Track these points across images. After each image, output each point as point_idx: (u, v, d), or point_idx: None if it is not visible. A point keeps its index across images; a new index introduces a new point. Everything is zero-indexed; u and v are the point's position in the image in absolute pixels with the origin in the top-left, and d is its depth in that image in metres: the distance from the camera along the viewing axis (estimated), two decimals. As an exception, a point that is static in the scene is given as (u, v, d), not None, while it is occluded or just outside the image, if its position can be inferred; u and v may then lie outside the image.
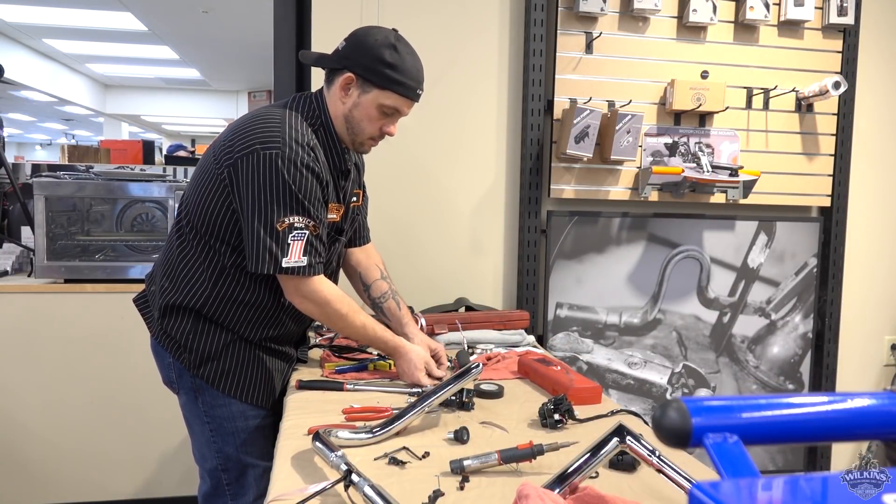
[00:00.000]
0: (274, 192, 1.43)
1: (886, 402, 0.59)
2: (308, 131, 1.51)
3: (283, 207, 1.44)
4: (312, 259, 1.48)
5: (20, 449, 2.51)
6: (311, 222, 1.47)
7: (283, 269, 1.45)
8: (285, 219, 1.44)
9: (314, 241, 1.48)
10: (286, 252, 1.44)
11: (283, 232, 1.44)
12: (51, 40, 8.11)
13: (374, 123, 1.55)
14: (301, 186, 1.45)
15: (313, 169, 1.47)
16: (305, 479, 1.09)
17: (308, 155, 1.47)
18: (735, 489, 0.50)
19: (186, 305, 1.54)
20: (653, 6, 2.36)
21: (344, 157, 1.61)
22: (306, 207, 1.46)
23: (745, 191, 2.47)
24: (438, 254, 2.46)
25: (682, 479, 0.95)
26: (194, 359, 1.55)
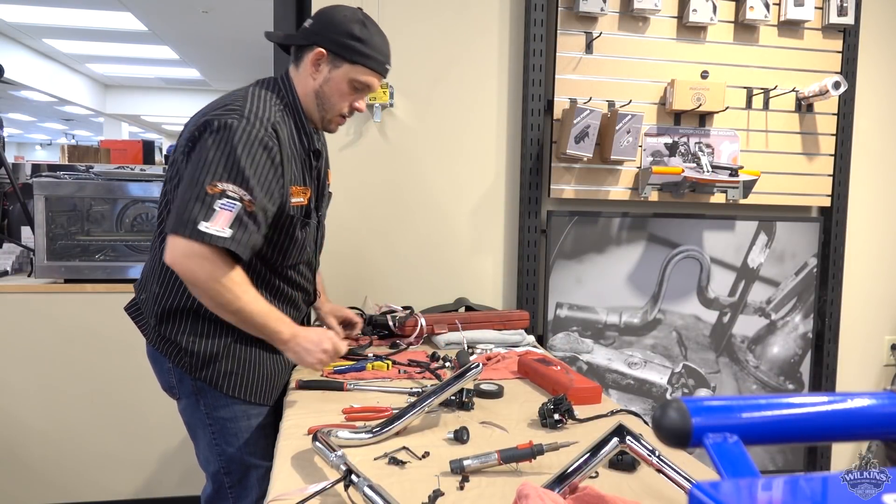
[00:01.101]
0: (215, 155, 1.35)
1: (886, 402, 0.59)
2: (273, 109, 1.45)
3: (219, 171, 1.34)
4: (240, 235, 1.35)
5: (20, 449, 2.51)
6: (249, 197, 1.35)
7: (198, 234, 1.31)
8: (218, 184, 1.33)
9: (246, 220, 1.35)
10: (209, 217, 1.32)
11: (211, 196, 1.32)
12: (51, 40, 8.11)
13: (345, 99, 1.53)
14: (248, 158, 1.36)
15: (268, 146, 1.40)
16: (305, 479, 1.09)
17: (266, 131, 1.40)
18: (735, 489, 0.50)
19: (182, 308, 1.50)
20: (653, 6, 2.36)
21: (313, 137, 1.56)
22: (247, 179, 1.35)
23: (745, 191, 2.47)
24: (438, 254, 2.46)
25: (682, 479, 0.95)
26: (195, 362, 1.51)
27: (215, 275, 1.35)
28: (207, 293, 1.38)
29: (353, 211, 2.40)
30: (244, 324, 1.44)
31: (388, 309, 2.21)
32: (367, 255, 2.42)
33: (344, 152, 2.39)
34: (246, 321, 1.43)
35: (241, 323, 1.43)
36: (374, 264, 2.43)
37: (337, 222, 2.40)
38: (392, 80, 2.36)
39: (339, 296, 2.38)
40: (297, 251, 1.56)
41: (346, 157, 2.39)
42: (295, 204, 1.50)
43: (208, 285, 1.36)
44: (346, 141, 2.38)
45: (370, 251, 2.42)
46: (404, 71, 2.39)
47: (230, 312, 1.41)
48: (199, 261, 1.33)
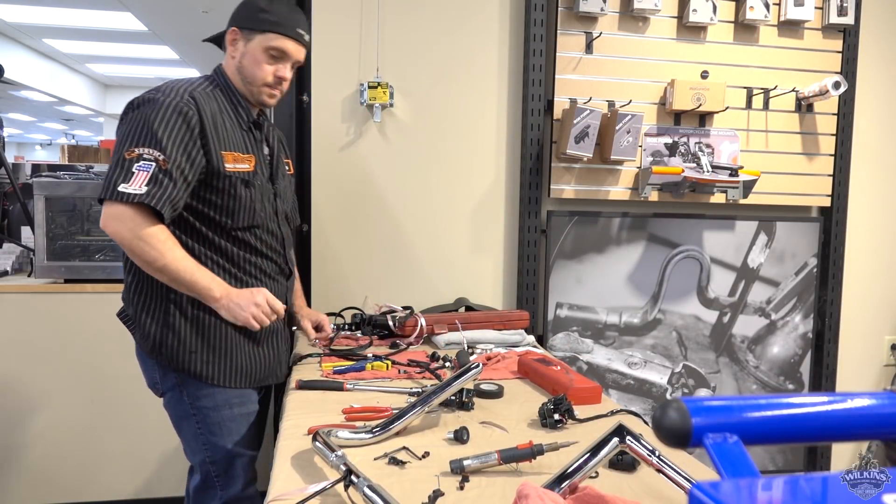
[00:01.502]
0: (132, 126, 1.48)
1: (886, 402, 0.59)
2: (195, 86, 1.57)
3: (135, 138, 1.47)
4: (155, 191, 1.45)
5: (20, 449, 2.51)
6: (163, 157, 1.46)
7: (118, 195, 1.44)
8: (135, 149, 1.46)
9: (161, 177, 1.46)
10: (128, 179, 1.44)
11: (129, 160, 1.46)
12: (51, 40, 8.11)
13: (264, 68, 1.60)
14: (162, 123, 1.48)
15: (182, 111, 1.50)
16: (305, 479, 1.09)
17: (181, 99, 1.51)
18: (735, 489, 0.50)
19: (153, 302, 1.58)
20: (653, 6, 2.36)
21: (248, 110, 1.66)
22: (159, 141, 1.47)
23: (745, 191, 2.47)
24: (438, 254, 2.46)
25: (682, 479, 0.95)
26: (173, 354, 1.57)
27: (136, 231, 1.45)
28: (133, 251, 1.47)
29: (352, 210, 2.40)
30: (174, 282, 1.50)
31: (388, 309, 2.21)
32: (367, 255, 2.42)
33: (344, 152, 2.39)
34: (175, 279, 1.50)
35: (172, 281, 1.50)
36: (374, 264, 2.43)
37: (337, 222, 2.40)
38: (392, 80, 2.36)
39: (339, 296, 2.38)
40: (244, 212, 1.61)
41: (346, 157, 2.39)
42: (237, 169, 1.59)
43: (133, 243, 1.46)
44: (346, 141, 2.38)
45: (370, 251, 2.42)
46: (404, 71, 2.39)
47: (157, 270, 1.48)
48: (122, 220, 1.45)
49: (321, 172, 2.38)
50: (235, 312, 1.53)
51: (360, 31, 2.35)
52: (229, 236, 1.61)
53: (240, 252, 1.63)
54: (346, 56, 2.35)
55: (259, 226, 1.65)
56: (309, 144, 2.37)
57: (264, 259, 1.68)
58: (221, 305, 1.53)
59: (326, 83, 2.35)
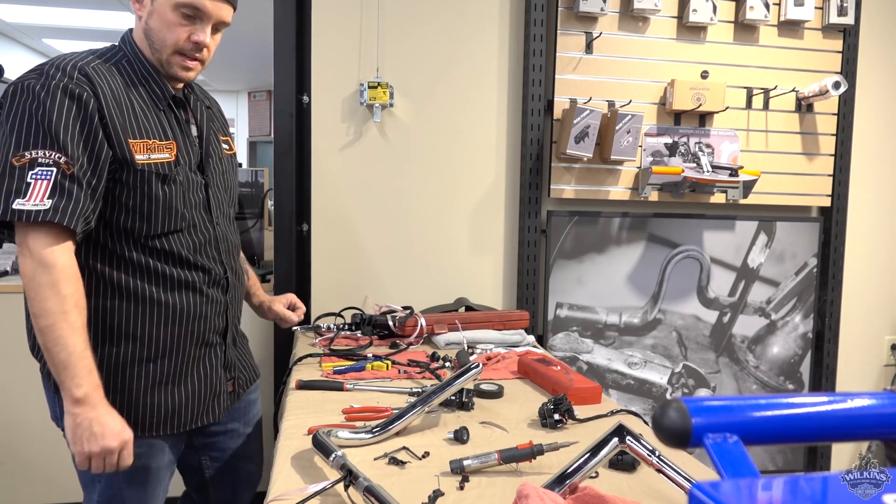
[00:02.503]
0: (13, 123, 1.18)
1: (886, 402, 0.59)
2: (86, 60, 1.27)
3: (22, 139, 1.17)
4: (62, 203, 1.16)
5: (20, 449, 2.51)
6: (64, 158, 1.17)
7: (13, 213, 1.13)
8: (25, 153, 1.16)
9: (67, 185, 1.17)
10: (24, 192, 1.14)
11: (20, 168, 1.15)
12: (51, 40, 8.11)
13: (175, 30, 1.29)
14: (50, 113, 1.17)
15: (74, 94, 1.20)
16: (305, 479, 1.09)
17: (70, 79, 1.21)
18: (735, 489, 0.50)
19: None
20: (653, 6, 2.36)
21: (164, 84, 1.35)
22: (55, 139, 1.17)
23: (745, 191, 2.47)
24: (438, 254, 2.46)
25: (682, 479, 0.95)
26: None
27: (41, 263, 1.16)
28: (29, 293, 1.19)
29: (352, 210, 2.40)
30: (47, 353, 1.18)
31: (388, 309, 2.21)
32: (367, 255, 2.42)
33: (344, 152, 2.39)
34: (48, 348, 1.18)
35: (45, 350, 1.19)
36: (374, 264, 2.43)
37: (337, 222, 2.40)
38: (392, 80, 2.36)
39: (339, 296, 2.38)
40: (164, 215, 1.31)
41: (346, 156, 2.39)
42: (152, 161, 1.29)
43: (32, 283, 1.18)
44: (346, 141, 2.38)
45: (370, 251, 2.42)
46: (404, 71, 2.39)
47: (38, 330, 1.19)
48: (25, 249, 1.17)
49: (321, 172, 2.38)
50: (76, 436, 1.19)
51: (360, 31, 2.35)
52: (142, 246, 1.31)
53: (157, 264, 1.32)
54: (346, 56, 2.35)
55: (183, 229, 1.35)
56: (309, 144, 2.37)
57: (191, 270, 1.36)
58: (80, 412, 1.17)
59: (326, 83, 2.35)
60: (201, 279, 1.38)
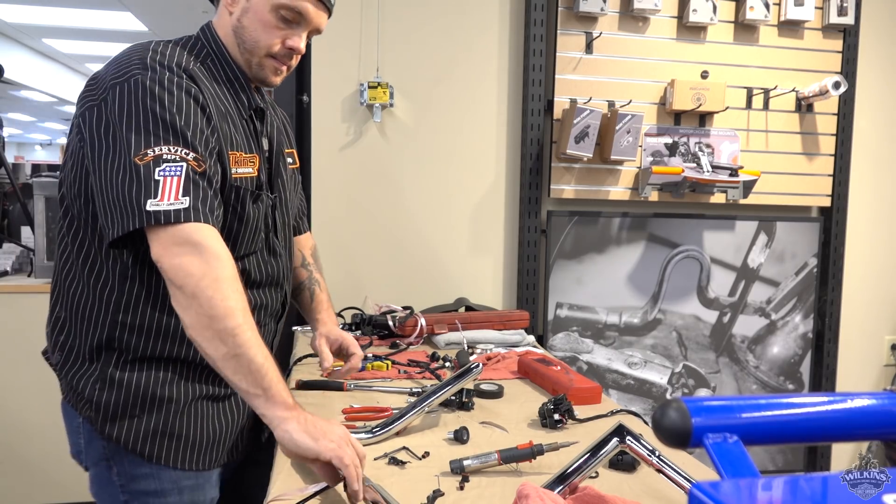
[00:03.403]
0: (130, 121, 1.04)
1: (886, 402, 0.59)
2: (184, 58, 1.14)
3: (142, 136, 1.03)
4: (199, 203, 1.03)
5: (20, 449, 2.51)
6: (193, 155, 1.05)
7: (149, 216, 0.99)
8: (148, 150, 1.02)
9: (200, 181, 1.04)
10: (155, 192, 1.00)
11: (145, 167, 1.01)
12: (51, 40, 8.11)
13: (271, 33, 1.17)
14: (171, 107, 1.06)
15: (190, 91, 1.09)
16: (305, 479, 1.09)
17: (180, 77, 1.10)
18: (735, 489, 0.50)
19: (87, 341, 1.14)
20: (653, 6, 2.36)
21: (249, 90, 1.24)
22: (180, 133, 1.05)
23: (745, 191, 2.47)
24: (438, 254, 2.46)
25: (682, 479, 0.95)
26: (104, 415, 1.14)
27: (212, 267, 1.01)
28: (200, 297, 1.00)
29: (352, 211, 2.40)
30: (234, 360, 1.00)
31: (388, 309, 2.21)
32: (367, 255, 2.42)
33: (344, 152, 2.39)
34: (240, 354, 1.00)
35: (230, 360, 1.01)
36: (374, 264, 2.43)
37: (337, 222, 2.40)
38: (392, 80, 2.36)
39: (339, 296, 2.37)
40: (250, 236, 1.20)
41: (346, 157, 2.39)
42: (242, 175, 1.17)
43: (203, 284, 1.00)
44: (346, 141, 2.38)
45: (370, 251, 2.42)
46: (404, 71, 2.39)
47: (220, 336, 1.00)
48: (187, 245, 1.02)
49: (321, 172, 2.38)
50: (318, 433, 0.99)
51: (360, 31, 2.35)
52: None
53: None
54: (346, 56, 2.35)
55: (256, 251, 1.24)
56: (309, 144, 2.37)
57: (254, 294, 1.24)
58: (294, 417, 1.00)
59: (326, 83, 2.35)
60: (261, 306, 1.26)
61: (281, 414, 1.00)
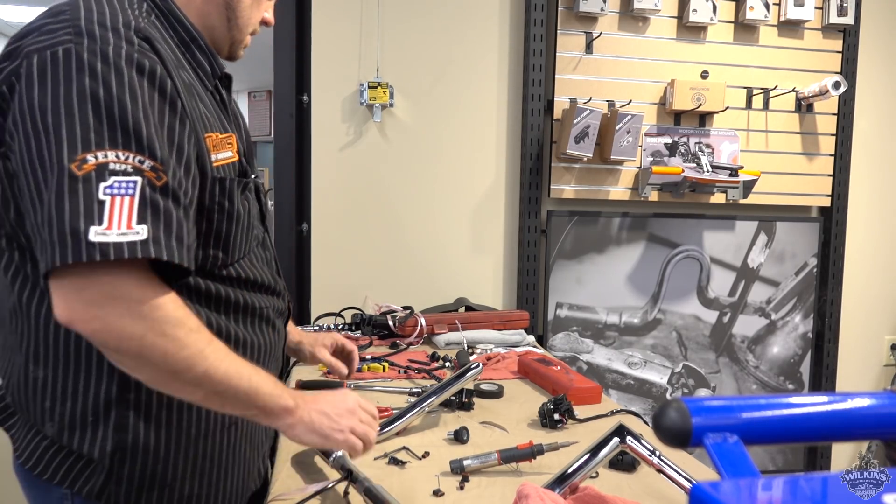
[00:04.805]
0: (59, 108, 0.76)
1: (886, 402, 0.59)
2: (129, 13, 0.86)
3: (81, 132, 0.75)
4: (160, 232, 0.77)
5: (20, 449, 2.51)
6: (150, 163, 0.78)
7: (92, 248, 0.73)
8: (88, 156, 0.75)
9: (160, 200, 0.78)
10: (99, 217, 0.73)
11: (85, 180, 0.74)
12: (51, 40, 8.11)
13: (260, 7, 1.07)
14: (120, 93, 0.78)
15: (143, 67, 0.81)
16: (305, 479, 1.09)
17: (131, 45, 0.81)
18: (735, 489, 0.50)
19: (98, 406, 0.89)
20: (653, 6, 2.36)
21: (212, 53, 1.00)
22: (132, 131, 0.78)
23: (745, 191, 2.47)
24: (438, 254, 2.46)
25: (682, 479, 0.95)
26: (129, 489, 0.91)
27: (152, 317, 0.78)
28: (148, 357, 0.79)
29: (352, 210, 2.40)
30: (218, 397, 0.86)
31: (388, 309, 2.21)
32: (366, 255, 2.42)
33: (344, 152, 2.39)
34: (221, 391, 0.84)
35: (213, 397, 0.86)
36: (375, 264, 2.42)
37: (337, 222, 2.40)
38: (392, 80, 2.36)
39: (339, 296, 2.38)
40: (243, 233, 0.99)
41: (346, 157, 2.39)
42: (222, 162, 0.93)
43: (146, 343, 0.78)
44: (346, 141, 2.38)
45: (370, 251, 2.42)
46: (404, 71, 2.39)
47: (191, 383, 0.82)
48: (118, 300, 0.76)
49: (321, 172, 2.38)
50: (324, 429, 0.93)
51: (360, 30, 2.36)
52: (218, 278, 0.96)
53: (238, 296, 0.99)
54: (346, 56, 2.35)
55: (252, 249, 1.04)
56: (309, 144, 2.37)
57: (263, 294, 1.05)
58: (297, 419, 0.92)
59: (326, 83, 2.35)
60: (271, 306, 1.08)
61: (284, 422, 0.92)
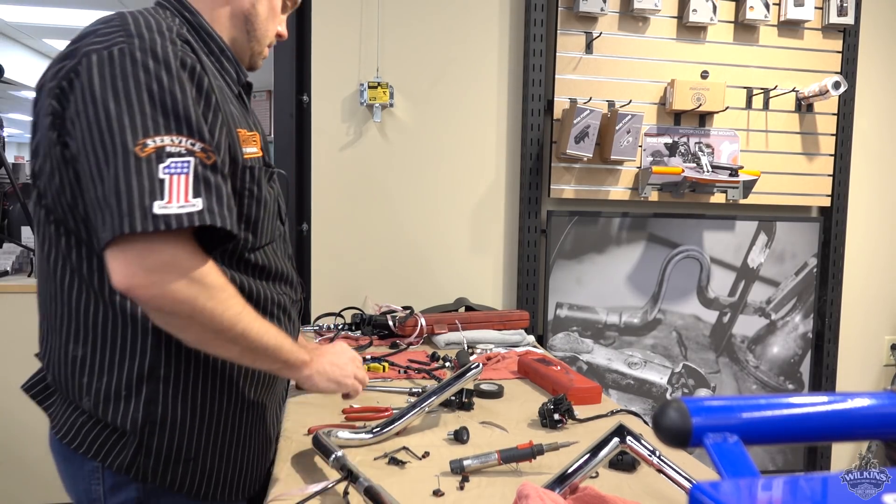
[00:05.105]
0: (119, 98, 0.87)
1: (886, 402, 0.59)
2: (172, 22, 0.99)
3: (140, 120, 0.86)
4: (213, 203, 0.89)
5: (20, 449, 2.51)
6: (200, 145, 0.89)
7: (157, 220, 0.84)
8: (147, 140, 0.86)
9: (211, 177, 0.89)
10: (160, 192, 0.84)
11: (147, 161, 0.85)
12: (51, 40, 8.11)
13: (275, 21, 1.16)
14: (171, 85, 0.89)
15: (186, 64, 0.93)
16: (305, 479, 1.09)
17: (175, 45, 0.93)
18: (735, 489, 0.50)
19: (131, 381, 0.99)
20: (653, 6, 2.36)
21: (237, 63, 1.13)
22: (184, 118, 0.89)
23: (745, 191, 2.47)
24: (438, 254, 2.46)
25: (682, 479, 0.95)
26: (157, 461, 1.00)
27: (202, 283, 0.89)
28: (197, 319, 0.90)
29: (352, 210, 2.40)
30: (251, 353, 0.98)
31: (388, 309, 2.21)
32: (367, 255, 2.42)
33: (344, 152, 2.39)
34: (254, 348, 0.97)
35: (247, 353, 0.98)
36: (375, 264, 2.43)
37: (337, 222, 2.40)
38: (392, 80, 2.36)
39: (339, 296, 2.38)
40: (269, 220, 1.10)
41: (346, 157, 2.39)
42: (250, 155, 1.05)
43: (198, 306, 0.89)
44: (346, 141, 2.38)
45: (370, 251, 2.42)
46: (404, 71, 2.39)
47: (230, 341, 0.94)
48: (174, 269, 0.87)
49: (321, 172, 2.38)
50: (336, 375, 1.11)
51: (360, 30, 2.35)
52: (241, 263, 1.06)
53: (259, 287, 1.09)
54: (346, 56, 2.35)
55: (276, 238, 1.15)
56: (309, 144, 2.37)
57: (282, 284, 1.15)
58: (314, 371, 1.08)
59: (326, 83, 2.35)
60: (288, 295, 1.17)
61: (303, 374, 1.08)
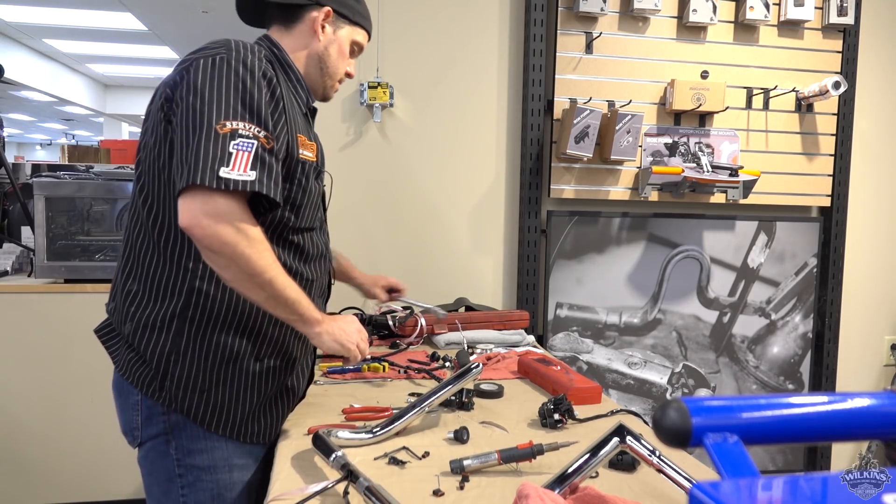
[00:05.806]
0: (213, 91, 1.15)
1: (886, 402, 0.59)
2: (261, 52, 1.27)
3: (223, 108, 1.14)
4: (264, 177, 1.15)
5: (20, 449, 2.51)
6: (264, 133, 1.17)
7: (220, 181, 1.09)
8: (227, 122, 1.13)
9: (267, 158, 1.16)
10: (227, 161, 1.11)
11: (223, 137, 1.12)
12: (51, 40, 8.11)
13: (344, 61, 1.44)
14: (252, 88, 1.18)
15: (266, 75, 1.22)
16: (305, 479, 1.09)
17: (261, 63, 1.23)
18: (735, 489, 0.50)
19: (165, 316, 1.24)
20: (653, 6, 2.36)
21: (307, 92, 1.43)
22: (257, 113, 1.17)
23: (745, 191, 2.47)
24: (438, 254, 2.46)
25: (682, 479, 0.95)
26: (176, 387, 1.24)
27: (246, 233, 1.13)
28: (236, 260, 1.13)
29: (352, 211, 2.40)
30: (273, 300, 1.19)
31: (388, 309, 2.21)
32: (367, 254, 2.42)
33: (344, 152, 2.39)
34: (276, 295, 1.18)
35: (271, 300, 1.19)
36: (375, 264, 2.42)
37: (336, 222, 2.40)
38: (392, 80, 2.36)
39: (339, 296, 2.37)
40: (311, 209, 1.35)
41: (346, 157, 2.39)
42: (305, 157, 1.32)
43: (242, 250, 1.12)
44: (346, 141, 2.38)
45: (370, 251, 2.42)
46: (404, 71, 2.39)
47: (259, 286, 1.16)
48: (228, 218, 1.11)
49: (321, 172, 2.37)
50: (341, 338, 1.28)
51: (360, 31, 2.35)
52: (283, 239, 1.30)
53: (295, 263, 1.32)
54: (346, 56, 2.35)
55: (316, 228, 1.39)
56: (309, 144, 2.37)
57: (314, 268, 1.38)
58: (324, 330, 1.26)
59: (326, 83, 2.35)
60: (312, 280, 1.38)
61: (314, 330, 1.25)
